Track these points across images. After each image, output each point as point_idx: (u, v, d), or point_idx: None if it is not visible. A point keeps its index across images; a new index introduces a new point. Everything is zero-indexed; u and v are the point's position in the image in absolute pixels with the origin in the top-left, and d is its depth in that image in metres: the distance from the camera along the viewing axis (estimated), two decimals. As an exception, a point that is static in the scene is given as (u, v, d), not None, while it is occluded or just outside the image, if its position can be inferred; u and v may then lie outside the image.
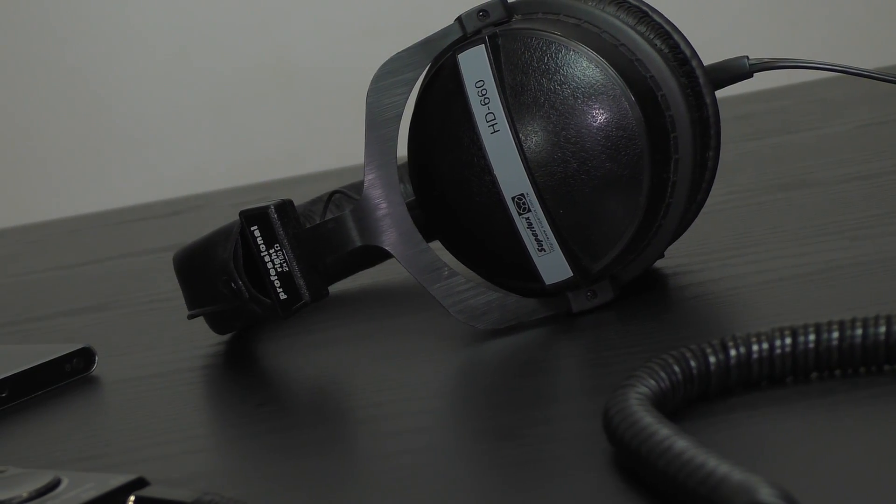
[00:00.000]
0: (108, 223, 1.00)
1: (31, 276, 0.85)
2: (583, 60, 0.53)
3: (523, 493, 0.41)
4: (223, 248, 0.55)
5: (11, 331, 0.71)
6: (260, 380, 0.57)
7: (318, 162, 1.19)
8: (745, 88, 0.61)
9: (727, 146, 0.58)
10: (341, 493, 0.43)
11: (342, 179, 0.74)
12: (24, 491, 0.42)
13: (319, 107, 1.42)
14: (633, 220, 0.53)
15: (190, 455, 0.49)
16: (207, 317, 0.59)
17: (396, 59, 0.54)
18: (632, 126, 0.52)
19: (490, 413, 0.48)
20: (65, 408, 0.56)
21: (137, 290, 0.75)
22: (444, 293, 0.54)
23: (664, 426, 0.39)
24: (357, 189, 0.63)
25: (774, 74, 0.58)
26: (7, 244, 0.99)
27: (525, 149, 0.53)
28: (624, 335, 0.52)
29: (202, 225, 0.86)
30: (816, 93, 0.92)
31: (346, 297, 0.64)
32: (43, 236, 1.00)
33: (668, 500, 0.38)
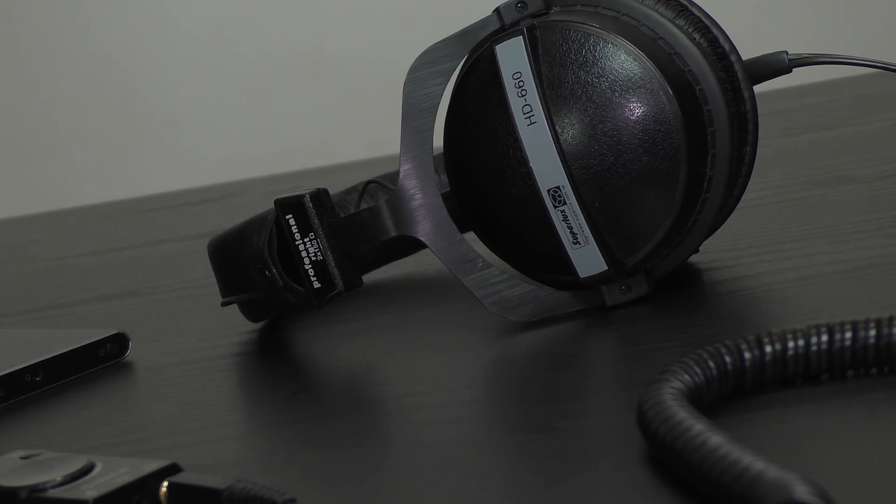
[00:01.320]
0: (141, 210, 1.01)
1: (65, 262, 0.86)
2: (621, 53, 0.53)
3: (555, 486, 0.41)
4: (258, 235, 0.56)
5: (46, 315, 0.71)
6: (293, 368, 0.57)
7: (350, 151, 1.19)
8: (780, 84, 0.61)
9: (763, 141, 0.58)
10: (373, 482, 0.44)
11: (375, 169, 0.74)
12: (58, 475, 0.42)
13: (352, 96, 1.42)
14: (668, 214, 0.53)
15: (222, 442, 0.49)
16: (241, 304, 0.60)
17: (434, 50, 0.54)
18: (669, 120, 0.52)
19: (523, 405, 0.48)
20: (98, 393, 0.56)
21: (171, 276, 0.75)
22: (477, 285, 0.54)
23: (699, 421, 0.38)
24: (392, 179, 0.63)
25: (810, 70, 0.58)
26: (42, 229, 0.99)
27: (561, 141, 0.52)
28: (658, 329, 0.52)
29: (235, 213, 0.86)
30: (852, 89, 0.91)
31: (380, 287, 0.64)
32: (77, 222, 1.00)
33: (702, 497, 0.37)
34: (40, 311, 0.72)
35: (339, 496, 0.42)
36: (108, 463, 0.42)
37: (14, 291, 0.79)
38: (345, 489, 0.43)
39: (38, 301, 0.75)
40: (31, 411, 0.55)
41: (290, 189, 0.55)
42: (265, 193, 0.95)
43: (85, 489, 0.41)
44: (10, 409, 0.55)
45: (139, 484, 0.41)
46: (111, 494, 0.41)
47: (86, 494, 0.41)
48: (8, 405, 0.55)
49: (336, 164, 1.04)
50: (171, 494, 0.41)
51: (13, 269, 0.86)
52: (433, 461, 0.44)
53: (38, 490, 0.41)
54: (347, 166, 0.99)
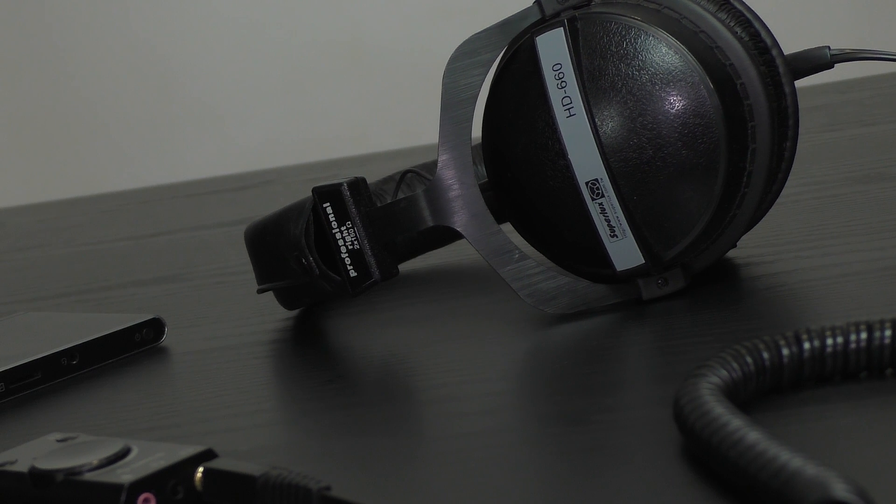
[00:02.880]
0: (178, 195, 1.01)
1: (102, 246, 0.86)
2: (662, 46, 0.52)
3: (590, 480, 0.41)
4: (295, 223, 0.56)
5: (83, 299, 0.71)
6: (328, 356, 0.57)
7: (385, 141, 1.20)
8: (820, 79, 0.60)
9: (803, 137, 0.58)
10: (406, 472, 0.44)
11: (410, 159, 0.74)
12: (95, 458, 0.42)
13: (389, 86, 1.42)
14: (707, 208, 0.53)
15: (257, 429, 0.49)
16: (277, 292, 0.60)
17: (474, 40, 0.54)
18: (709, 114, 0.52)
19: (557, 398, 0.48)
20: (134, 377, 0.56)
21: (207, 262, 0.75)
22: (513, 276, 0.54)
23: (736, 417, 0.38)
24: (430, 169, 0.63)
25: (851, 65, 0.58)
26: (79, 214, 1.00)
27: (601, 134, 0.52)
28: (694, 324, 0.52)
29: (271, 200, 0.87)
30: (894, 85, 0.91)
31: (415, 276, 0.64)
32: (114, 207, 1.01)
33: (739, 493, 0.37)
34: (77, 294, 0.72)
35: (373, 485, 0.42)
36: (144, 447, 0.43)
37: (52, 274, 0.79)
38: (378, 478, 0.43)
39: (76, 285, 0.75)
40: (67, 394, 0.55)
41: (326, 177, 0.55)
42: (301, 181, 0.96)
43: (121, 473, 0.41)
44: (47, 391, 0.55)
45: (175, 469, 0.41)
46: (147, 479, 0.41)
47: (122, 478, 0.41)
48: (45, 388, 0.56)
49: (371, 154, 1.04)
50: (207, 480, 0.41)
51: (52, 253, 0.87)
52: (467, 452, 0.44)
53: (74, 473, 0.42)
54: (383, 155, 0.99)
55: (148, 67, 1.42)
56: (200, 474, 0.41)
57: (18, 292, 0.75)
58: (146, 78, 1.42)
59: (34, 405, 0.54)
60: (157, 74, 1.42)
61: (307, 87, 1.42)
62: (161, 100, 1.42)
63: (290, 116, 1.42)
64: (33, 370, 0.55)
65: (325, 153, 1.15)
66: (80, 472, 0.42)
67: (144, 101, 1.42)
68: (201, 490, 0.41)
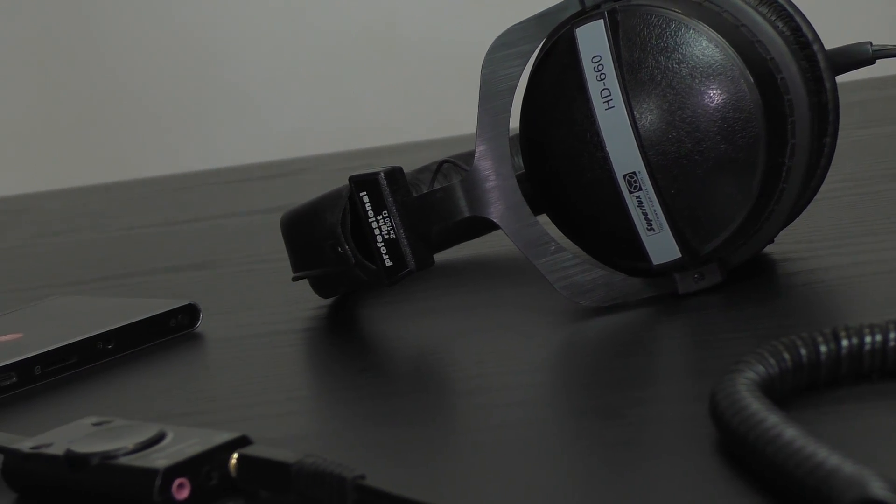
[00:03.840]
0: (211, 182, 1.01)
1: (136, 232, 0.86)
2: (702, 40, 0.52)
3: (624, 474, 0.41)
4: (331, 212, 0.56)
5: (117, 284, 0.71)
6: (361, 345, 0.57)
7: (419, 130, 1.20)
8: (858, 75, 0.60)
9: (842, 133, 0.57)
10: (439, 462, 0.43)
11: (444, 149, 0.74)
12: (130, 443, 0.42)
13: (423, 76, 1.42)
14: (745, 203, 0.52)
15: (290, 416, 0.49)
16: (312, 280, 0.60)
17: (513, 31, 0.54)
18: (749, 108, 0.52)
19: (591, 391, 0.48)
20: (168, 363, 0.56)
21: (241, 249, 0.75)
22: (549, 268, 0.54)
23: (773, 413, 0.38)
24: (467, 160, 0.63)
25: (890, 62, 0.57)
26: (113, 199, 1.00)
27: (639, 126, 0.52)
28: (730, 320, 0.52)
29: (305, 188, 0.87)
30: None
31: (450, 267, 0.64)
32: (148, 193, 1.01)
33: (774, 489, 0.37)
34: (112, 279, 0.73)
35: (405, 475, 0.42)
36: (178, 432, 0.43)
37: (86, 259, 0.79)
38: (411, 468, 0.43)
39: (110, 270, 0.75)
40: (102, 378, 0.55)
41: (359, 166, 0.55)
42: (335, 170, 0.96)
43: (156, 458, 0.41)
44: (82, 375, 0.56)
45: (209, 455, 0.41)
46: (182, 464, 0.41)
47: (156, 463, 0.41)
48: (80, 372, 0.56)
49: (405, 143, 1.04)
50: (241, 466, 0.41)
51: (86, 238, 0.87)
52: (500, 443, 0.44)
53: (109, 457, 0.42)
54: (416, 145, 0.99)
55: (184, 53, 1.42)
56: (235, 460, 0.41)
57: (53, 276, 0.76)
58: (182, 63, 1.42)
59: (69, 389, 0.54)
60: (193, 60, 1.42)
61: (342, 76, 1.42)
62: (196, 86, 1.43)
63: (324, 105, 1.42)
64: (69, 354, 0.56)
65: (359, 142, 1.16)
66: (115, 456, 0.42)
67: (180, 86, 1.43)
68: (235, 476, 0.41)
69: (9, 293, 0.72)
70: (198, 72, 1.42)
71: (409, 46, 1.41)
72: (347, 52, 1.42)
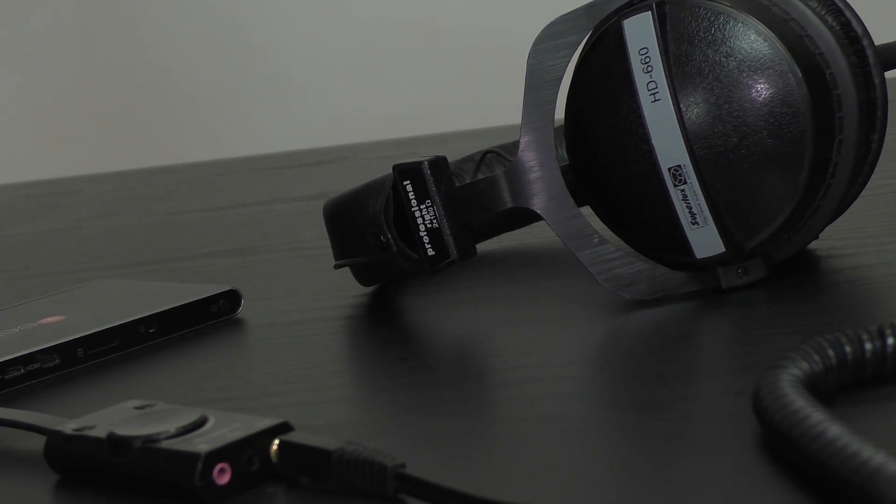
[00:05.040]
0: (253, 168, 1.01)
1: (178, 216, 0.87)
2: (751, 33, 0.52)
3: (665, 468, 0.40)
4: (374, 200, 0.56)
5: (159, 268, 0.72)
6: (402, 334, 0.57)
7: (459, 120, 1.19)
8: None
9: (890, 129, 0.57)
10: (477, 453, 0.43)
11: (485, 140, 0.74)
12: (172, 427, 0.42)
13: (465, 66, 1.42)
14: (791, 198, 0.52)
15: (330, 404, 0.49)
16: (353, 268, 0.60)
17: (560, 22, 0.54)
18: (797, 103, 0.51)
19: (633, 384, 0.48)
20: (210, 348, 0.57)
21: (282, 236, 0.76)
22: (592, 260, 0.54)
23: (817, 410, 0.38)
24: (510, 150, 0.62)
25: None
26: (157, 184, 1.01)
27: (685, 120, 0.52)
28: (774, 315, 0.52)
29: (347, 176, 0.87)
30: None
31: (492, 257, 0.64)
32: (191, 178, 1.01)
33: (817, 486, 0.37)
34: (154, 263, 0.73)
35: (445, 464, 0.42)
36: (220, 417, 0.43)
37: (129, 243, 0.80)
38: (450, 458, 0.43)
39: (152, 254, 0.76)
40: (144, 362, 0.55)
41: (401, 155, 0.55)
42: (377, 158, 0.96)
43: (198, 442, 0.41)
44: (124, 358, 0.56)
45: (251, 440, 0.41)
46: (223, 449, 0.41)
47: (198, 447, 0.41)
48: (122, 355, 0.56)
49: (446, 133, 1.04)
50: (282, 453, 0.41)
51: (129, 222, 0.87)
52: (540, 435, 0.44)
53: (151, 440, 0.42)
54: (457, 135, 0.99)
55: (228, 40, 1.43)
56: (276, 447, 0.42)
57: (96, 259, 0.76)
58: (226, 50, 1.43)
59: (111, 372, 0.55)
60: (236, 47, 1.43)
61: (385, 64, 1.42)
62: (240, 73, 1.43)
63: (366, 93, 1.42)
64: (111, 337, 0.56)
65: (400, 131, 1.16)
66: (157, 439, 0.42)
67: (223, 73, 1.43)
68: (276, 462, 0.42)
69: (53, 275, 0.73)
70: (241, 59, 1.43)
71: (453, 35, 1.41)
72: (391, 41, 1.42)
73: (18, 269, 0.77)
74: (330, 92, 1.42)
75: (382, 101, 1.41)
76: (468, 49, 1.40)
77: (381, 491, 0.40)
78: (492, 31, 1.37)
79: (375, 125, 1.33)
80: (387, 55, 1.41)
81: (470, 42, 1.40)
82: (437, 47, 1.41)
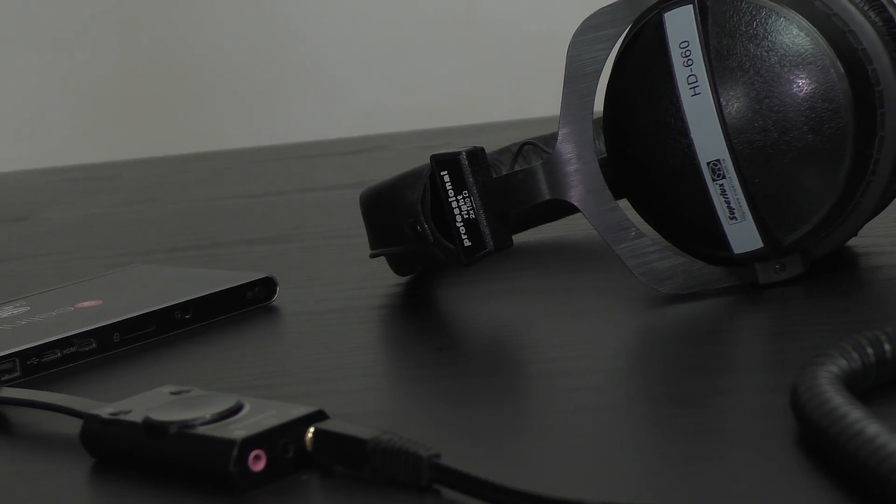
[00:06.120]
0: (289, 156, 1.02)
1: (214, 203, 0.87)
2: (793, 28, 0.51)
3: (700, 463, 0.40)
4: (412, 190, 0.56)
5: (194, 254, 0.72)
6: (437, 324, 0.57)
7: (496, 112, 1.19)
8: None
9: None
10: (513, 444, 0.43)
11: (521, 132, 0.73)
12: (208, 413, 0.42)
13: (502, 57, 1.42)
14: (830, 195, 0.52)
15: (364, 393, 0.49)
16: (389, 257, 0.60)
17: (600, 14, 0.54)
18: (838, 99, 0.51)
19: (668, 378, 0.48)
20: (245, 335, 0.57)
21: (317, 224, 0.76)
22: (629, 253, 0.54)
23: (855, 408, 0.38)
24: (548, 142, 0.62)
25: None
26: (193, 170, 1.01)
27: (725, 114, 0.51)
28: (811, 312, 0.51)
29: (382, 165, 0.87)
30: None
31: (527, 249, 0.64)
32: (226, 165, 1.01)
33: (856, 485, 0.37)
34: (189, 249, 0.73)
35: (479, 456, 0.42)
36: (255, 404, 0.43)
37: (166, 229, 0.80)
38: (484, 449, 0.43)
39: (188, 240, 0.76)
40: (179, 348, 0.56)
41: (437, 146, 0.55)
42: (412, 148, 0.96)
43: (233, 428, 0.41)
44: (160, 344, 0.56)
45: (286, 428, 0.41)
46: (259, 436, 0.41)
47: (234, 434, 0.41)
48: (157, 340, 0.56)
49: (482, 124, 1.04)
50: (317, 441, 0.41)
51: (165, 207, 0.88)
52: (575, 428, 0.44)
53: (187, 426, 0.42)
54: (493, 126, 0.99)
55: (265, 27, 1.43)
56: (311, 435, 0.42)
57: (132, 244, 0.76)
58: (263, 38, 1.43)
59: (147, 357, 0.55)
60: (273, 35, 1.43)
61: (421, 54, 1.42)
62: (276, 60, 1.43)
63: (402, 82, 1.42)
64: (148, 322, 0.56)
65: (436, 121, 1.16)
66: (193, 425, 0.42)
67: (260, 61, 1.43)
68: (311, 450, 0.42)
69: (90, 260, 0.73)
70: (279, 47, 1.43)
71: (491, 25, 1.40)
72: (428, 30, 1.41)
73: (56, 253, 0.77)
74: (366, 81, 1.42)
75: (419, 90, 1.41)
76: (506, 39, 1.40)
77: (415, 481, 0.40)
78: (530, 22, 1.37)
79: (411, 115, 1.33)
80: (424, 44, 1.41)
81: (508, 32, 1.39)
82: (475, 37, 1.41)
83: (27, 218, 0.89)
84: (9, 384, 0.51)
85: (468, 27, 1.42)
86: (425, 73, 1.43)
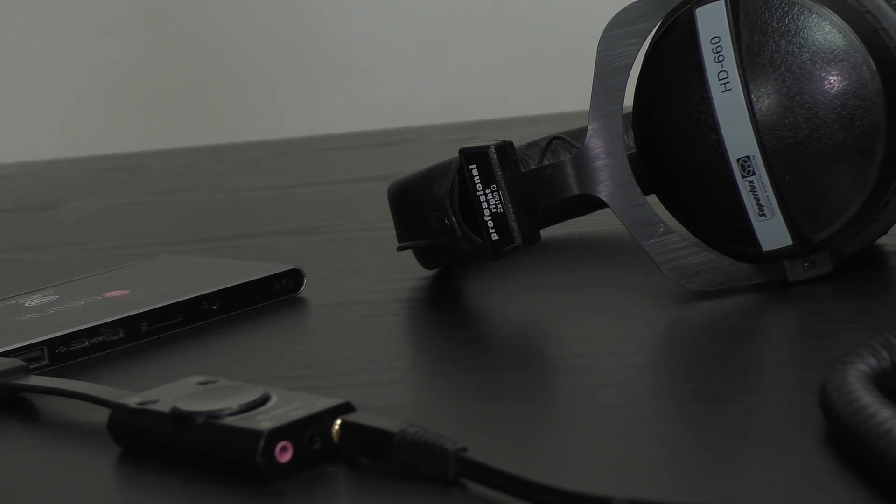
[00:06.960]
0: (316, 149, 1.02)
1: (242, 194, 0.87)
2: (825, 24, 0.51)
3: (727, 460, 0.40)
4: (440, 183, 0.56)
5: (222, 245, 0.72)
6: (464, 318, 0.57)
7: (524, 106, 1.19)
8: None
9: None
10: (539, 439, 0.43)
11: (549, 126, 0.73)
12: (235, 403, 0.42)
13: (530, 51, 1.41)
14: (861, 193, 0.51)
15: (391, 385, 0.49)
16: (416, 250, 0.60)
17: (631, 9, 0.54)
18: (870, 96, 0.51)
19: (695, 375, 0.47)
20: (272, 326, 0.57)
21: (344, 217, 0.76)
22: (657, 249, 0.53)
23: (885, 407, 0.37)
24: (577, 136, 0.62)
25: None
26: (221, 161, 1.01)
27: (756, 110, 0.51)
28: (840, 310, 0.51)
29: (410, 158, 0.87)
30: None
31: (555, 243, 0.64)
32: (254, 156, 1.02)
33: (884, 483, 0.37)
34: (216, 240, 0.73)
35: (505, 450, 0.42)
36: (283, 396, 0.43)
37: (194, 219, 0.80)
38: (510, 443, 0.43)
39: (215, 231, 0.76)
40: (207, 338, 0.56)
41: (465, 139, 0.55)
42: (440, 141, 0.96)
43: (260, 419, 0.41)
44: (187, 334, 0.56)
45: (313, 419, 0.42)
46: (286, 427, 0.41)
47: (261, 425, 0.41)
48: (184, 331, 0.56)
49: (510, 118, 1.03)
50: (344, 433, 0.41)
51: (193, 198, 0.88)
52: (601, 423, 0.44)
53: (214, 416, 0.42)
54: (522, 120, 0.99)
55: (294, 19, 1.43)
56: (338, 427, 0.42)
57: (160, 234, 0.76)
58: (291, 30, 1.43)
59: (174, 347, 0.55)
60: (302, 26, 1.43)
61: (449, 48, 1.42)
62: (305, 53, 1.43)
63: (431, 75, 1.42)
64: (175, 312, 0.56)
65: (464, 115, 1.15)
66: (220, 415, 0.42)
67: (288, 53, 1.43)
68: (338, 442, 0.42)
69: (118, 249, 0.74)
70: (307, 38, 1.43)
71: (520, 18, 1.40)
72: (456, 23, 1.41)
73: (85, 243, 0.77)
74: (394, 74, 1.42)
75: (447, 83, 1.41)
76: (535, 33, 1.39)
77: (441, 474, 0.40)
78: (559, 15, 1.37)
79: (439, 108, 1.33)
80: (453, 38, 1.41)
81: (537, 26, 1.39)
82: (504, 30, 1.40)
83: (55, 207, 0.89)
84: (37, 372, 0.52)
85: (498, 20, 1.42)
86: (454, 66, 1.43)
